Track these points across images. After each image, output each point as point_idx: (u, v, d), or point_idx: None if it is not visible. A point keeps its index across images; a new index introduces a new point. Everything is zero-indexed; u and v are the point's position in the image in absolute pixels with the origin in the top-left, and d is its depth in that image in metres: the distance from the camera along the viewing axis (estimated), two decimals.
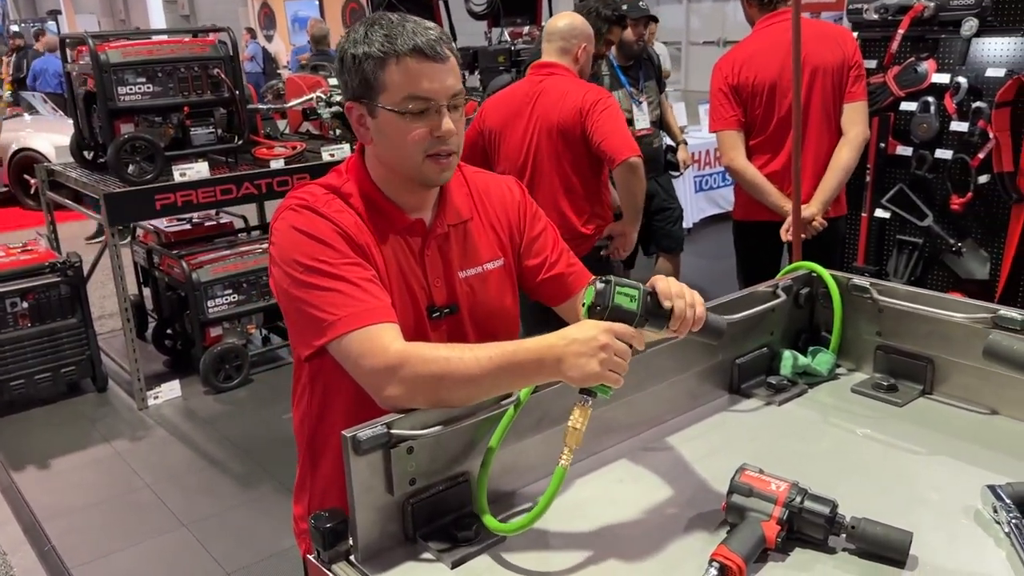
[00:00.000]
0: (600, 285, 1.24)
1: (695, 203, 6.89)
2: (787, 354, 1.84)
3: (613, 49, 4.28)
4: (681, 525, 1.36)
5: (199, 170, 4.28)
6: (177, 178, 4.22)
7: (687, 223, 6.48)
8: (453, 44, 1.43)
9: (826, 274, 1.88)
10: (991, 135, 3.64)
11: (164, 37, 4.60)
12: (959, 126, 3.77)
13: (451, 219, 1.51)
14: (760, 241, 3.39)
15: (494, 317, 1.54)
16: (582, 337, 1.22)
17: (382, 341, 1.30)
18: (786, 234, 3.24)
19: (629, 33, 4.37)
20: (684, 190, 6.38)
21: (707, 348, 1.72)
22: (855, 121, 3.25)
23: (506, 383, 1.31)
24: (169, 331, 4.93)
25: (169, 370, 4.85)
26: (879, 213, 4.06)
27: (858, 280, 1.85)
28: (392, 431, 1.27)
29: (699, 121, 7.32)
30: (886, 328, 1.82)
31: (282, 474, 3.63)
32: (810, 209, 3.16)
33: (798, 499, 1.29)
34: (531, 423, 1.45)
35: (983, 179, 3.75)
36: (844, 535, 1.27)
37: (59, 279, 4.35)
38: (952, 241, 3.92)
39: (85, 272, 4.50)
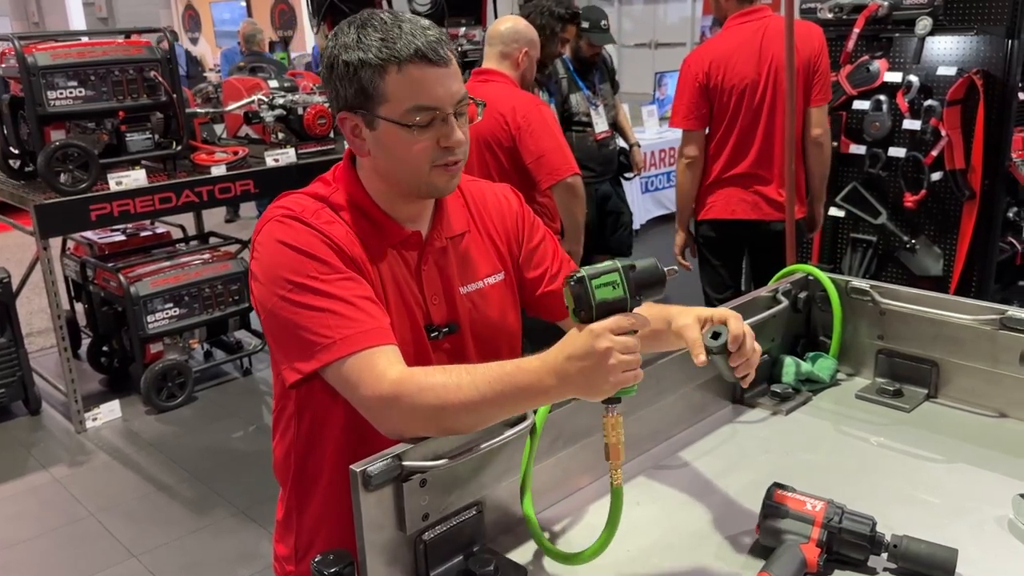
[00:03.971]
0: (574, 285, 1.10)
1: (642, 204, 6.89)
2: (789, 361, 1.78)
3: (568, 49, 4.21)
4: (712, 550, 1.28)
5: (136, 178, 4.07)
6: (113, 187, 3.99)
7: (635, 224, 6.46)
8: (451, 43, 1.32)
9: (824, 278, 1.83)
10: (943, 133, 3.68)
11: (96, 39, 4.35)
12: (911, 124, 3.80)
13: (449, 232, 1.40)
14: (728, 240, 3.37)
15: (497, 334, 1.44)
16: (579, 351, 1.07)
17: (379, 368, 1.19)
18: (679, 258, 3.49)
19: (586, 47, 4.31)
20: (631, 192, 6.36)
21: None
22: (819, 124, 3.26)
23: (510, 408, 1.18)
24: (105, 348, 4.67)
25: (107, 389, 4.59)
26: (833, 212, 4.07)
27: (857, 283, 1.80)
28: (404, 463, 1.16)
29: (641, 123, 7.33)
30: (888, 331, 1.78)
31: (235, 498, 3.45)
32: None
33: (836, 518, 1.22)
34: (544, 446, 1.35)
35: (936, 176, 3.79)
36: (885, 554, 1.21)
37: None
38: (906, 238, 3.96)
39: (14, 288, 4.23)
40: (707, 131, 3.30)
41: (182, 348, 4.46)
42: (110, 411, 4.24)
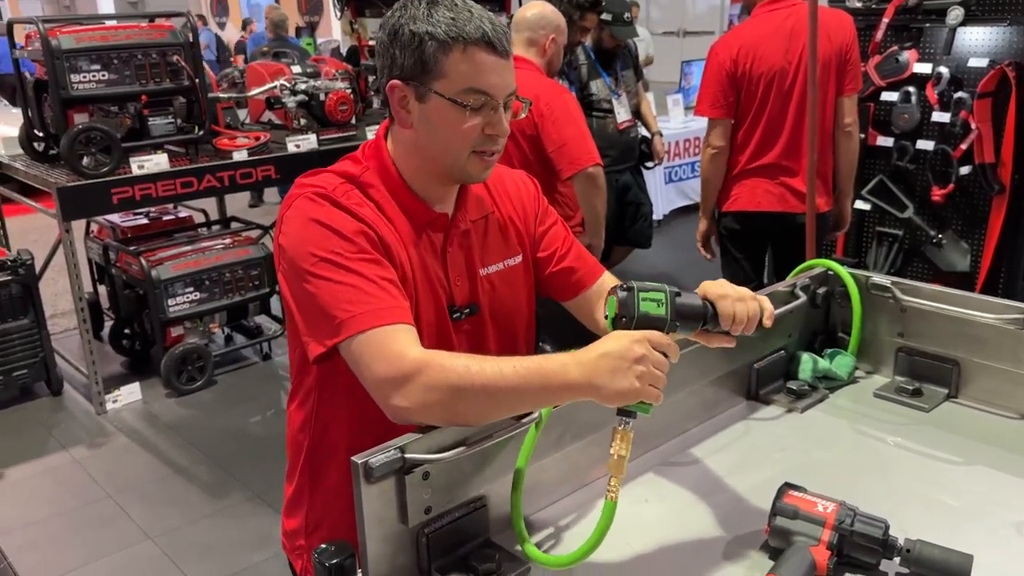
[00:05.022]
0: (622, 294, 1.14)
1: (665, 195, 6.82)
2: (806, 357, 1.75)
3: (589, 38, 4.16)
4: (719, 550, 1.25)
5: (158, 162, 4.08)
6: (135, 170, 4.00)
7: (657, 215, 6.41)
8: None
9: (844, 272, 1.79)
10: (973, 126, 3.61)
11: (119, 22, 4.36)
12: (941, 116, 3.73)
13: (473, 214, 1.41)
14: (751, 233, 3.33)
15: (513, 316, 1.46)
16: (615, 350, 1.10)
17: (398, 345, 1.18)
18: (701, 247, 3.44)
19: (608, 39, 4.27)
20: (654, 182, 6.31)
21: (725, 353, 1.61)
22: (850, 113, 3.20)
23: (531, 399, 1.18)
24: (127, 331, 4.71)
25: (128, 372, 4.63)
26: (859, 204, 4.01)
27: (878, 279, 1.76)
28: (407, 455, 1.14)
29: (666, 111, 7.26)
30: (909, 329, 1.73)
31: (252, 482, 3.47)
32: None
33: (848, 521, 1.19)
34: (551, 440, 1.33)
35: (964, 170, 3.72)
36: (898, 559, 1.18)
37: (10, 277, 4.11)
38: (932, 233, 3.89)
39: (37, 270, 4.27)
40: (733, 121, 3.25)
41: (202, 332, 4.48)
42: (130, 393, 4.27)
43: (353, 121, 4.72)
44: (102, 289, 4.96)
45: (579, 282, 1.50)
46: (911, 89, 3.79)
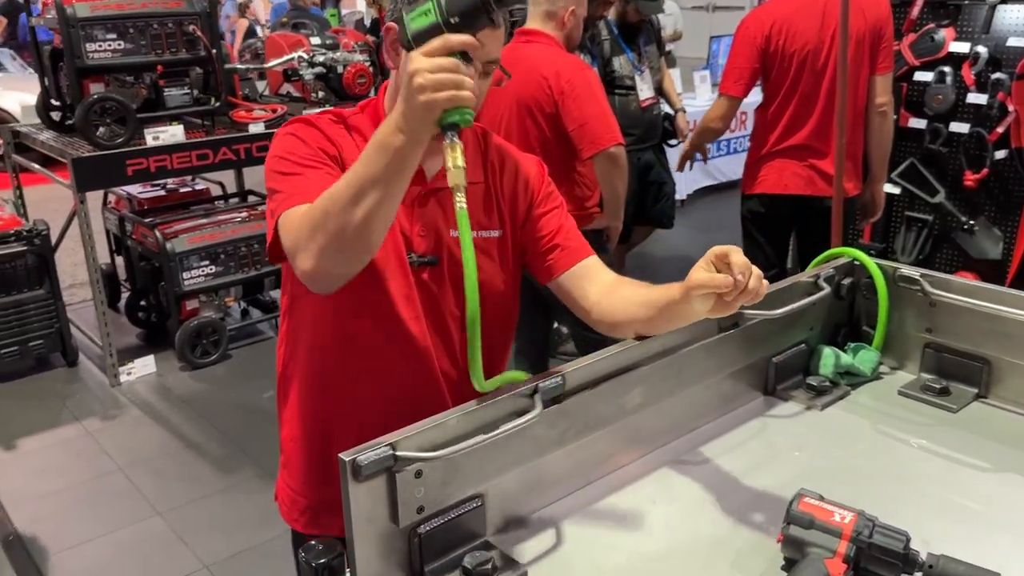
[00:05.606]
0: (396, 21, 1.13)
1: (688, 174, 6.66)
2: (828, 351, 1.67)
3: (613, 12, 4.05)
4: (728, 558, 1.18)
5: (173, 133, 4.03)
6: (150, 142, 3.96)
7: (680, 194, 6.29)
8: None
9: (871, 263, 1.71)
10: (1011, 108, 3.48)
11: None
12: (977, 98, 3.61)
13: None
14: (776, 216, 3.23)
15: (480, 282, 1.38)
16: (400, 83, 1.11)
17: (299, 211, 1.23)
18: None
19: (632, 13, 4.14)
20: (676, 161, 6.17)
21: (743, 347, 1.55)
22: (885, 92, 3.08)
23: (382, 176, 1.13)
24: (143, 303, 4.69)
25: (143, 344, 4.62)
26: (888, 188, 3.88)
27: (907, 270, 1.67)
28: (398, 452, 1.08)
29: (693, 88, 7.11)
30: (938, 324, 1.65)
31: (262, 458, 3.44)
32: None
33: (866, 532, 1.12)
34: (555, 436, 1.27)
35: (1000, 155, 3.60)
36: (919, 574, 1.10)
37: (25, 248, 4.10)
38: (964, 219, 3.78)
39: (53, 240, 4.25)
40: (760, 99, 3.16)
41: (217, 306, 4.45)
42: (144, 366, 4.26)
43: (372, 94, 4.64)
44: (119, 260, 4.95)
45: (560, 260, 1.45)
46: (946, 69, 3.66)
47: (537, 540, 1.23)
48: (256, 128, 4.29)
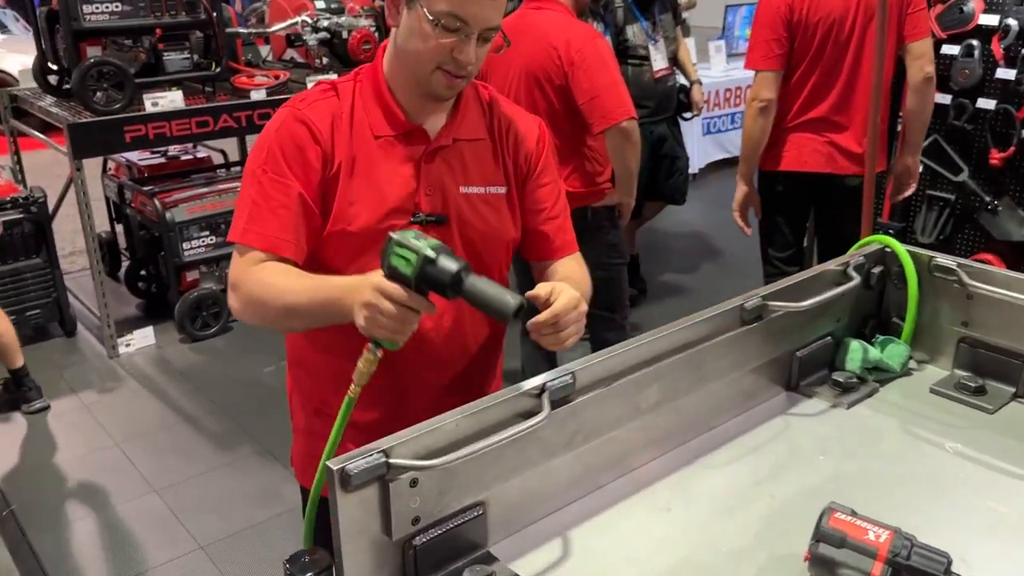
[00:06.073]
0: (386, 240, 1.17)
1: (702, 147, 6.54)
2: (855, 345, 1.56)
3: None
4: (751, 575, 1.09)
5: (173, 99, 3.91)
6: (149, 108, 3.85)
7: (692, 168, 6.15)
8: None
9: (903, 251, 1.60)
10: None
11: None
12: (1005, 73, 3.45)
13: (460, 134, 1.43)
14: (795, 195, 3.10)
15: (487, 240, 1.45)
16: (358, 288, 1.20)
17: (247, 263, 1.34)
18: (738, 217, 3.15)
19: None
20: (690, 133, 6.03)
21: (766, 340, 1.44)
22: (921, 59, 2.93)
23: (321, 317, 1.31)
24: (143, 273, 4.61)
25: (143, 315, 4.53)
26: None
27: (943, 260, 1.56)
28: (391, 460, 0.99)
29: (708, 59, 6.94)
30: (975, 318, 1.54)
31: (261, 435, 3.36)
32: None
33: (903, 553, 1.02)
34: (563, 439, 1.17)
35: None
36: None
37: (22, 215, 4.00)
38: (988, 198, 3.64)
39: (51, 208, 4.15)
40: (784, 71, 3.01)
41: (218, 277, 4.35)
42: (144, 337, 4.18)
43: None
44: (119, 228, 4.85)
45: (546, 253, 1.52)
46: (974, 42, 3.50)
47: (543, 552, 1.13)
48: (258, 95, 4.17)
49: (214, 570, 2.66)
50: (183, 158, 4.83)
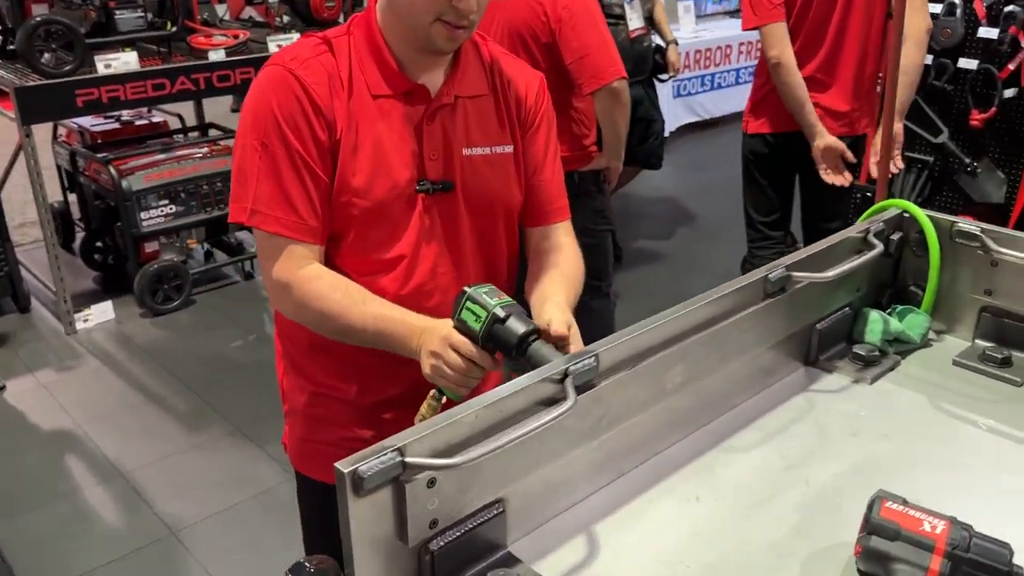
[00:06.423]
0: (461, 293, 1.17)
1: (672, 110, 6.44)
2: (874, 316, 1.48)
3: None
4: (794, 572, 1.01)
5: (126, 61, 3.71)
6: (101, 70, 3.64)
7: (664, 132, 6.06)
8: None
9: (924, 217, 1.52)
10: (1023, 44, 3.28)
11: None
12: (988, 32, 3.40)
13: (461, 91, 1.34)
14: (781, 158, 3.01)
15: (494, 203, 1.38)
16: (428, 333, 1.20)
17: (293, 261, 1.27)
18: (827, 174, 2.86)
19: None
20: (661, 96, 5.91)
21: (789, 313, 1.36)
22: (923, 8, 2.83)
23: (377, 344, 1.27)
24: (99, 244, 4.41)
25: (100, 289, 4.34)
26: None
27: (965, 225, 1.48)
28: (407, 460, 0.88)
29: (677, 19, 6.83)
30: (999, 286, 1.47)
31: (232, 414, 3.23)
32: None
33: (962, 544, 0.95)
34: (587, 427, 1.08)
35: (1009, 93, 3.41)
36: None
37: None
38: (967, 160, 3.61)
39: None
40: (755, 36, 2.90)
41: (179, 248, 4.19)
42: (102, 312, 4.00)
43: (341, 20, 4.32)
44: (73, 198, 4.63)
45: (539, 216, 1.44)
46: (956, 1, 3.44)
47: (567, 551, 1.04)
48: (217, 56, 3.97)
49: (189, 557, 2.54)
50: (137, 123, 4.61)
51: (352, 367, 1.37)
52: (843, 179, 2.86)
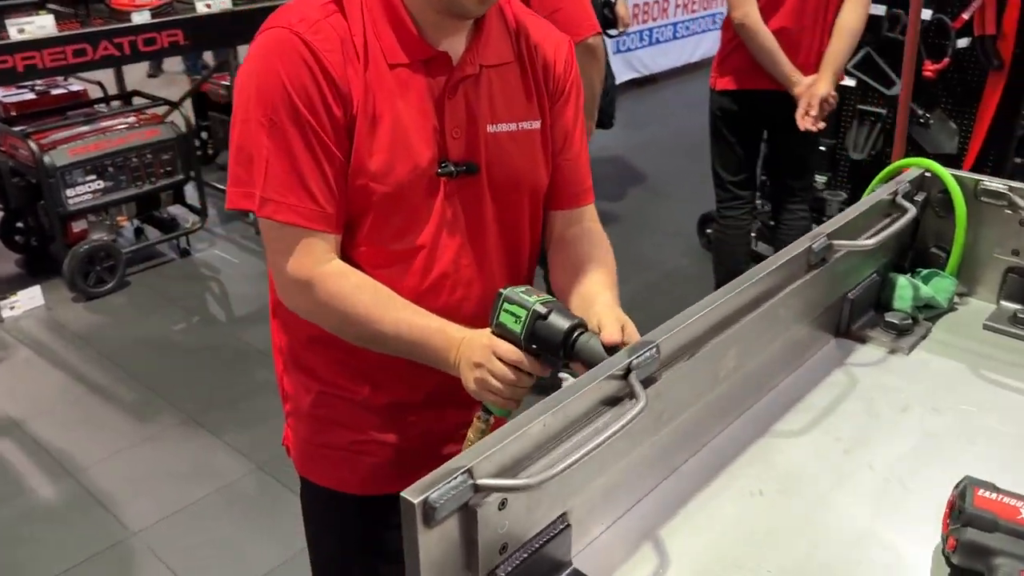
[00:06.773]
0: (498, 295, 1.09)
1: (613, 66, 6.34)
2: (903, 282, 1.42)
3: None
4: (883, 569, 0.93)
5: (42, 25, 3.42)
6: (14, 35, 3.34)
7: None
8: None
9: (948, 176, 1.45)
10: None
11: None
12: None
13: (486, 59, 1.20)
14: (750, 114, 2.94)
15: (520, 184, 1.25)
16: (468, 344, 1.10)
17: (313, 255, 1.14)
18: (803, 119, 2.79)
19: None
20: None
21: (828, 285, 1.28)
22: None
23: (407, 354, 1.16)
24: (20, 225, 4.10)
25: (25, 272, 4.06)
26: (843, 81, 3.67)
27: (991, 183, 1.43)
28: (478, 481, 0.77)
29: None
30: None
31: (181, 401, 3.05)
32: (823, 87, 2.73)
33: None
34: (649, 423, 0.98)
35: (962, 43, 3.41)
36: None
37: None
38: (920, 112, 3.61)
39: None
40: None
41: (109, 226, 3.94)
42: (30, 298, 3.73)
43: None
44: None
45: (565, 199, 1.32)
46: None
47: (635, 562, 0.94)
48: (141, 17, 3.70)
49: (152, 558, 2.39)
50: (55, 92, 4.29)
51: (362, 362, 1.24)
52: (818, 126, 2.80)
